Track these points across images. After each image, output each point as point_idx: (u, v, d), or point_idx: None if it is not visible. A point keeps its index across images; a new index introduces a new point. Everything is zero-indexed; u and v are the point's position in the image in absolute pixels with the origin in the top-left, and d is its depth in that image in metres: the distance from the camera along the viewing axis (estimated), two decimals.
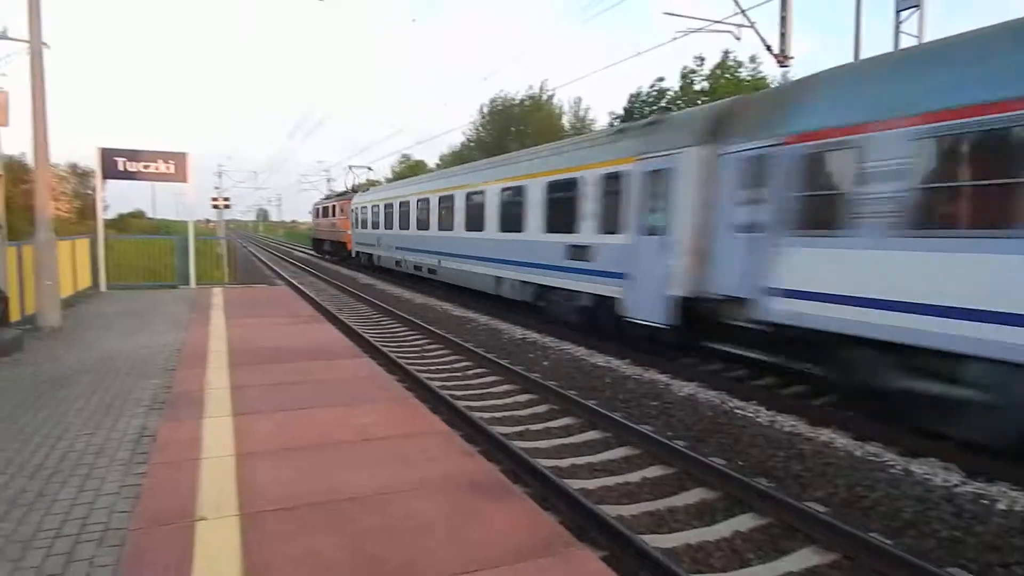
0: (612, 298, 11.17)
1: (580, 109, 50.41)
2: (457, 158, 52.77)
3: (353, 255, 31.90)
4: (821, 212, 7.53)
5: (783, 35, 11.63)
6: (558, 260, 12.71)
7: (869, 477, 6.07)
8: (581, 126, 48.55)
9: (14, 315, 9.11)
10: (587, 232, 11.84)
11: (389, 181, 55.38)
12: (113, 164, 14.65)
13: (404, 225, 23.45)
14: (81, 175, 49.31)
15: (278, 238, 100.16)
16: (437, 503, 3.77)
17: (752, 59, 31.81)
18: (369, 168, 43.20)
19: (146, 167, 14.81)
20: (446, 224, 19.00)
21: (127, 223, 61.92)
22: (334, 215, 37.52)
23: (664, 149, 9.97)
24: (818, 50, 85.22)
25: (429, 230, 20.57)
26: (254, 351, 8.16)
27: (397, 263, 24.47)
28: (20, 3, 9.45)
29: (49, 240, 9.77)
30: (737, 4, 11.27)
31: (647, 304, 10.22)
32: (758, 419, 7.70)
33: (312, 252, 47.85)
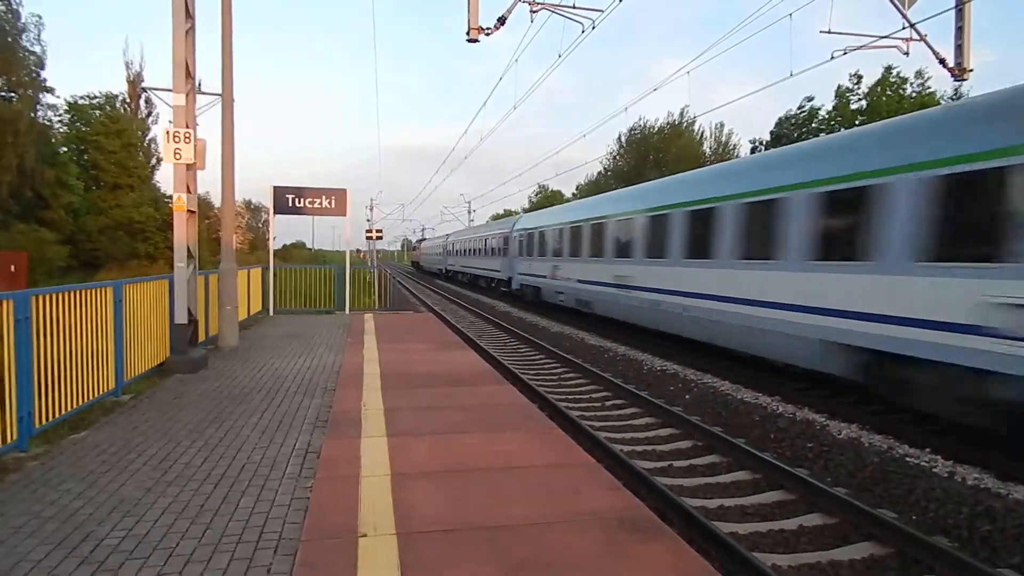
0: None
1: (722, 134, 49.07)
2: (594, 188, 53.02)
3: None
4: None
5: (959, 47, 10.59)
6: None
7: None
8: (723, 152, 47.14)
9: (200, 336, 10.22)
10: None
11: (526, 211, 56.81)
12: (284, 200, 16.19)
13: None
14: (254, 210, 54.90)
15: None
16: (588, 538, 3.72)
17: (918, 74, 29.44)
18: (432, 229, 79.07)
19: (311, 203, 16.22)
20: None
21: (289, 253, 67.80)
22: (415, 250, 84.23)
23: None
24: (1000, 60, 76.49)
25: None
26: (403, 375, 8.58)
27: None
28: (209, 61, 10.78)
29: (231, 269, 10.93)
30: (906, 18, 10.42)
31: None
32: (934, 469, 6.92)
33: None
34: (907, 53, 11.22)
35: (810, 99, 34.64)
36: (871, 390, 9.03)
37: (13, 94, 35.01)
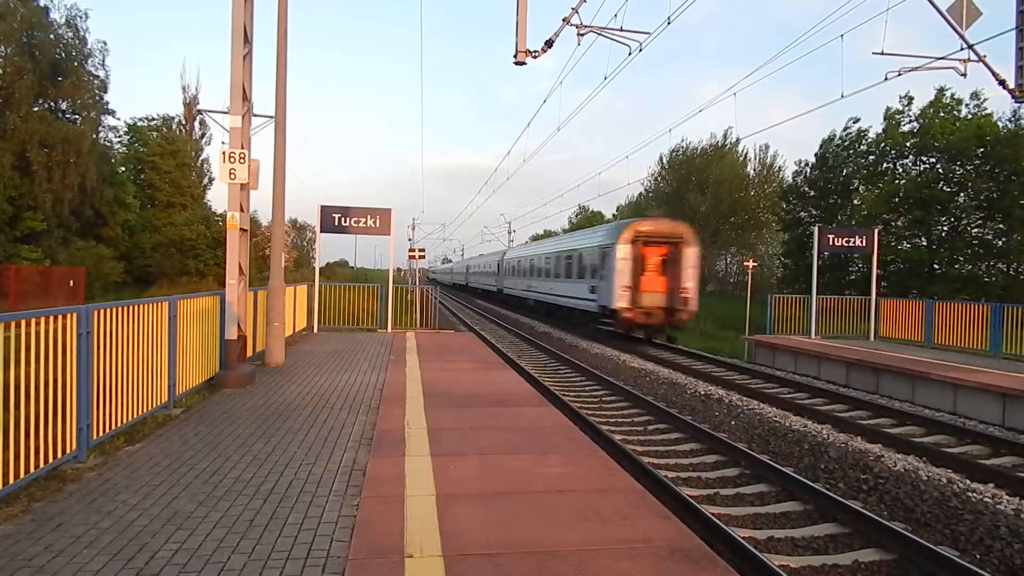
0: None
1: (767, 156, 48.37)
2: (635, 209, 52.74)
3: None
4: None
5: (1021, 68, 10.25)
6: None
7: None
8: (768, 174, 46.45)
9: (248, 352, 10.42)
10: None
11: (565, 231, 56.89)
12: (331, 220, 16.51)
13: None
14: (299, 228, 56.18)
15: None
16: (639, 566, 3.63)
17: (974, 95, 28.57)
18: (460, 252, 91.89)
19: (356, 222, 16.49)
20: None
21: (332, 271, 69.06)
22: (439, 271, 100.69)
23: None
24: None
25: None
26: (446, 394, 8.59)
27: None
28: (258, 79, 11.11)
29: (280, 287, 11.15)
30: (963, 39, 10.13)
31: None
32: (999, 505, 6.60)
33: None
34: (964, 75, 10.91)
35: (856, 120, 33.86)
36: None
37: (77, 116, 36.71)
